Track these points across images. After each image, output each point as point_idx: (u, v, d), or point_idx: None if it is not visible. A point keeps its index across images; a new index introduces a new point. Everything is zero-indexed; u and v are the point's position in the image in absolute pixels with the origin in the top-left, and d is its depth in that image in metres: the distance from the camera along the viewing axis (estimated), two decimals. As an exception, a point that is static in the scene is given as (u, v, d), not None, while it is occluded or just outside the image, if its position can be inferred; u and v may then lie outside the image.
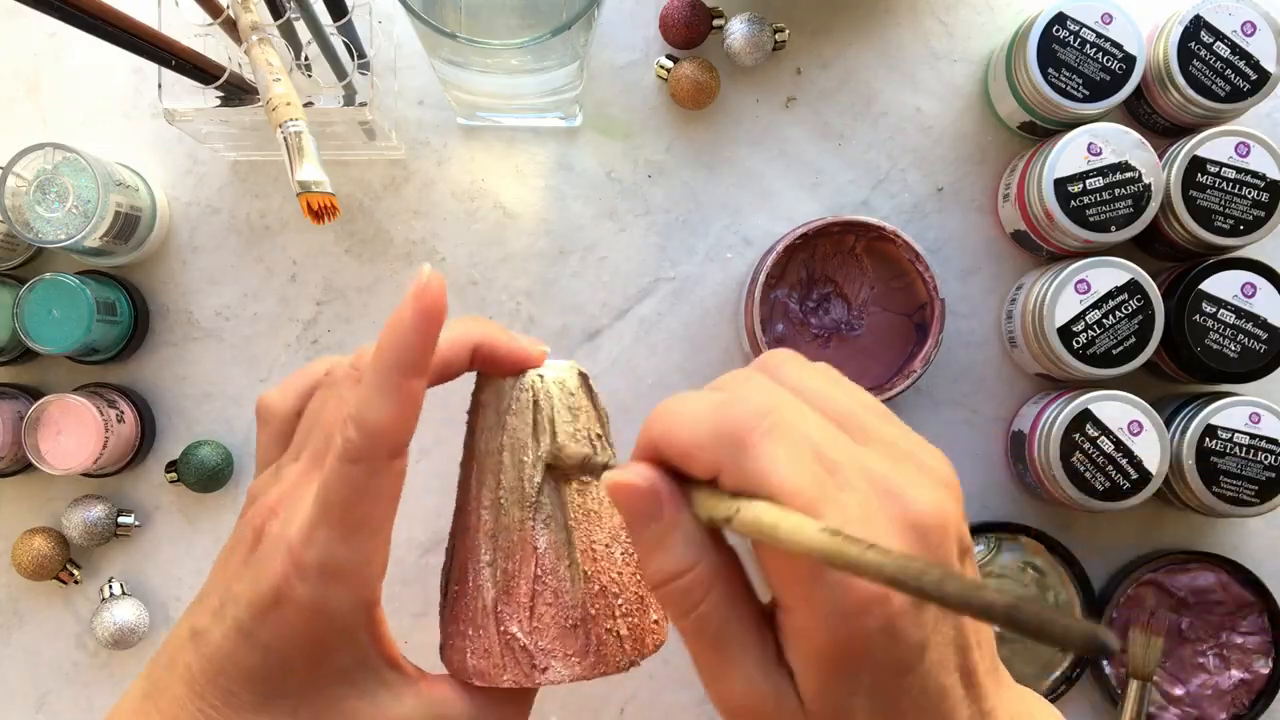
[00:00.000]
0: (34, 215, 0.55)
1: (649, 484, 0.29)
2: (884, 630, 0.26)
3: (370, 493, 0.32)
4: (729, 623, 0.29)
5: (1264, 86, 0.56)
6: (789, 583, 0.27)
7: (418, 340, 0.32)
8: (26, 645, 0.61)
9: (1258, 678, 0.60)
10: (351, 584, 0.32)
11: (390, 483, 0.33)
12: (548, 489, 0.37)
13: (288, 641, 0.32)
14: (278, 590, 0.32)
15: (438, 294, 0.32)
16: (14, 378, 0.62)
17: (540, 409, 0.37)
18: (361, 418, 0.32)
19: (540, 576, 0.36)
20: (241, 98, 0.53)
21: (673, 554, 0.29)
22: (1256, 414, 0.56)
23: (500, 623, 0.36)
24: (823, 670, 0.28)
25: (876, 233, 0.57)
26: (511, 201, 0.62)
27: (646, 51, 0.62)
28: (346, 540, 0.32)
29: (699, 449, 0.28)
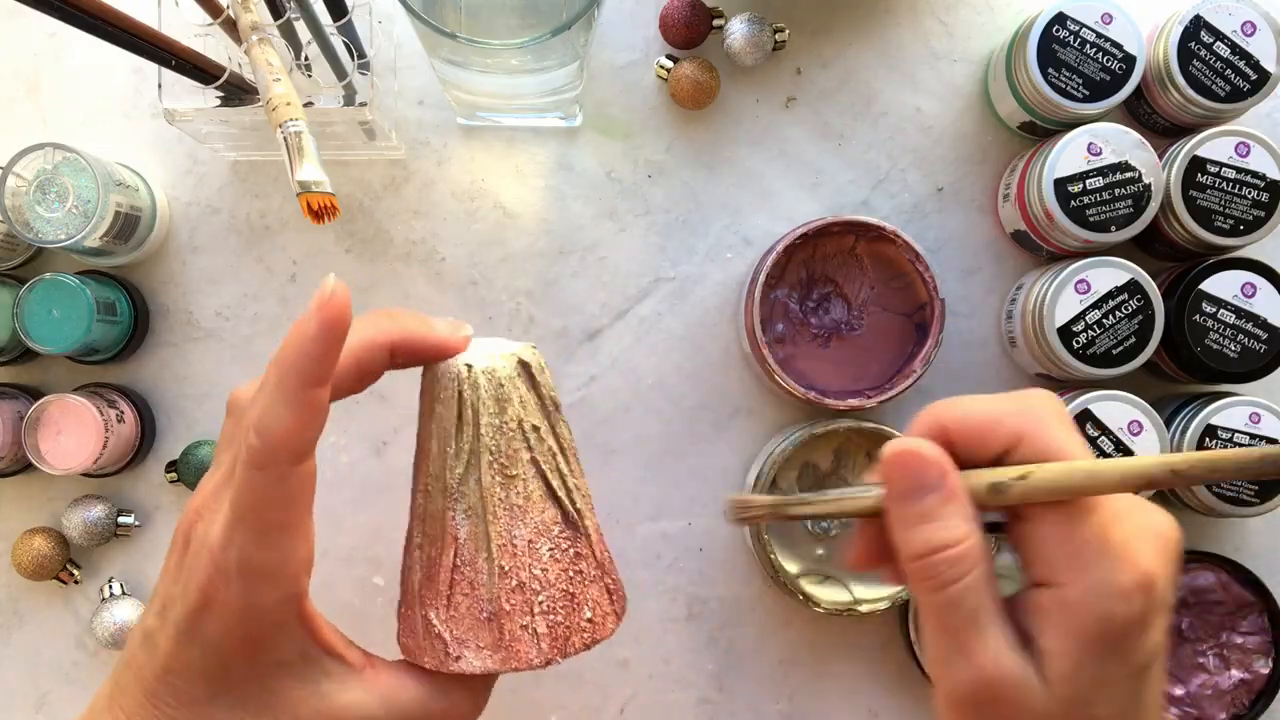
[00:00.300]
0: (34, 215, 0.55)
1: (935, 454, 0.31)
2: (1143, 619, 0.28)
3: (278, 497, 0.33)
4: (985, 599, 0.31)
5: (1264, 86, 0.56)
6: (1069, 557, 0.30)
7: (318, 350, 0.32)
8: (26, 645, 0.61)
9: (1258, 678, 0.60)
10: (273, 582, 0.33)
11: (298, 485, 0.33)
12: (471, 480, 0.36)
13: (223, 639, 0.33)
14: (204, 592, 0.33)
15: (341, 304, 0.32)
16: (14, 378, 0.62)
17: (464, 400, 0.36)
18: (262, 425, 0.32)
19: (459, 566, 0.37)
20: (241, 98, 0.53)
21: (948, 525, 0.31)
22: (1256, 414, 0.56)
23: (422, 606, 0.37)
24: (1083, 649, 0.29)
25: (876, 233, 0.57)
26: (511, 201, 0.62)
27: (646, 51, 0.62)
28: (261, 542, 0.33)
29: (1002, 420, 0.31)
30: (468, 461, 0.36)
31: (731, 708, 0.62)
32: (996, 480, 0.31)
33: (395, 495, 0.62)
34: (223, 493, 0.34)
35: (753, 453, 0.62)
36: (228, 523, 0.33)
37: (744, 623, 0.62)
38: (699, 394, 0.62)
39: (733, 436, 0.62)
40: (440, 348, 0.37)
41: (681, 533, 0.62)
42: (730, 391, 0.62)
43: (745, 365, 0.62)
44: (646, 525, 0.62)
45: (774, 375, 0.57)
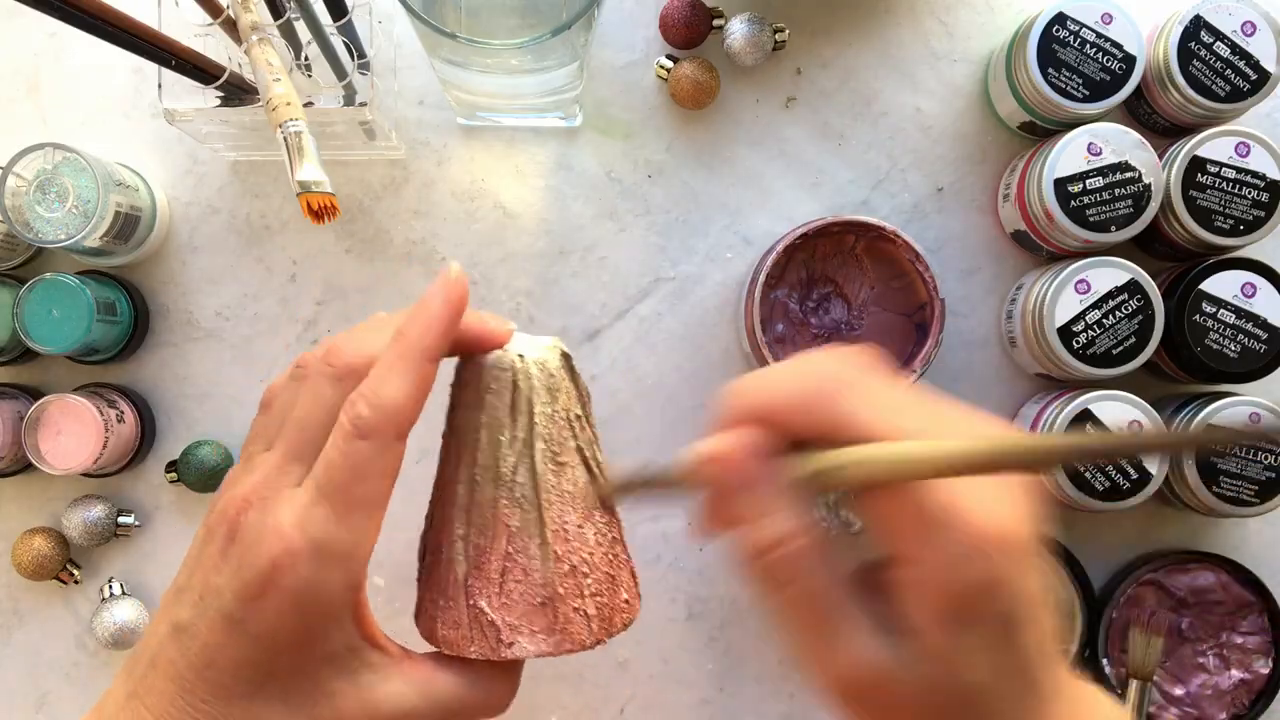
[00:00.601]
0: (34, 215, 0.55)
1: (741, 449, 0.29)
2: (1005, 576, 0.27)
3: (374, 471, 0.33)
4: (834, 590, 0.29)
5: (1264, 86, 0.56)
6: (909, 532, 0.28)
7: (441, 327, 0.34)
8: (26, 645, 0.61)
9: (1258, 678, 0.60)
10: (344, 565, 0.33)
11: (393, 463, 0.33)
12: (523, 469, 0.37)
13: (275, 628, 0.32)
14: (267, 577, 0.32)
15: (465, 286, 0.34)
16: (14, 378, 0.62)
17: (519, 390, 0.37)
18: (377, 395, 0.33)
19: (511, 554, 0.37)
20: (241, 98, 0.53)
21: (773, 521, 0.28)
22: (1256, 414, 0.56)
23: (470, 596, 0.37)
24: (948, 619, 0.27)
25: (876, 233, 0.57)
26: (511, 201, 0.62)
27: (646, 51, 0.62)
28: (344, 520, 0.33)
29: (800, 405, 0.29)
30: (520, 450, 0.37)
31: (731, 708, 0.62)
32: (819, 468, 0.28)
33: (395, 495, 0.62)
34: (278, 479, 0.34)
35: (753, 453, 0.62)
36: (306, 502, 0.33)
37: (744, 623, 0.62)
38: (699, 394, 0.62)
39: (733, 436, 0.62)
40: (490, 339, 0.37)
41: (681, 533, 0.62)
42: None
43: (745, 365, 0.62)
44: (647, 525, 0.62)
45: (774, 375, 0.57)
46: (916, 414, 0.28)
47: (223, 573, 0.33)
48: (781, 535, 0.28)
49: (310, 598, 0.32)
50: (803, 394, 0.29)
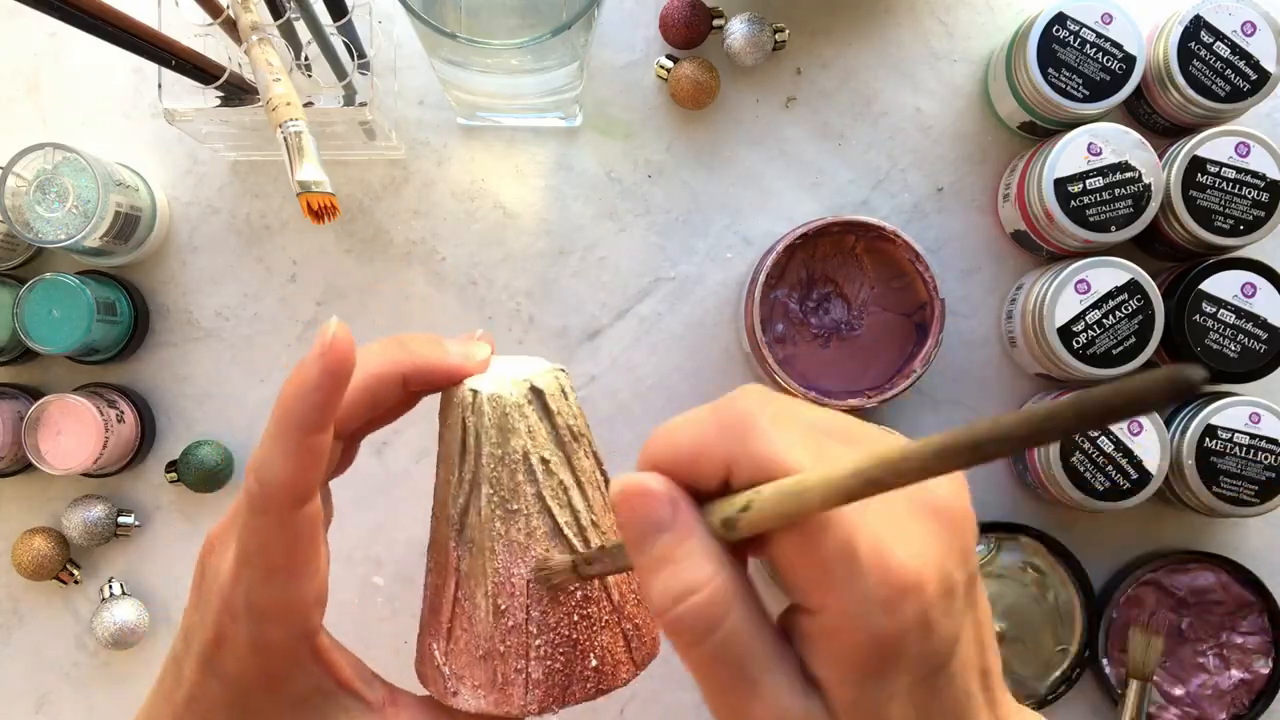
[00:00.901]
0: (34, 215, 0.55)
1: (661, 486, 0.27)
2: (918, 622, 0.25)
3: (281, 541, 0.32)
4: (753, 644, 0.26)
5: (1264, 86, 0.56)
6: (817, 580, 0.25)
7: (319, 397, 0.32)
8: (26, 645, 0.61)
9: (1258, 678, 0.60)
10: (281, 622, 0.33)
11: (302, 528, 0.33)
12: (471, 512, 0.34)
13: (240, 673, 0.33)
14: (219, 628, 0.33)
15: (344, 349, 0.31)
16: (14, 378, 0.62)
17: (467, 427, 0.34)
18: (260, 471, 0.32)
19: (459, 600, 0.35)
20: (241, 98, 0.53)
21: (687, 566, 0.26)
22: (1256, 414, 0.56)
23: (427, 635, 0.36)
24: (858, 673, 0.26)
25: (876, 233, 0.57)
26: (511, 201, 0.62)
27: (646, 51, 0.62)
28: (267, 582, 0.33)
29: (706, 446, 0.27)
30: (469, 492, 0.35)
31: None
32: (725, 515, 0.26)
33: (395, 495, 0.62)
34: (233, 525, 0.34)
35: (753, 453, 0.62)
36: (234, 561, 0.33)
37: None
38: (699, 394, 0.62)
39: (733, 436, 0.62)
40: (453, 374, 0.35)
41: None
42: (730, 391, 0.62)
43: (745, 365, 0.62)
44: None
45: (774, 375, 0.57)
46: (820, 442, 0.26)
47: (197, 612, 0.34)
48: (696, 581, 0.26)
49: (259, 649, 0.33)
50: (720, 432, 0.27)
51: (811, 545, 0.25)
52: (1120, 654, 0.60)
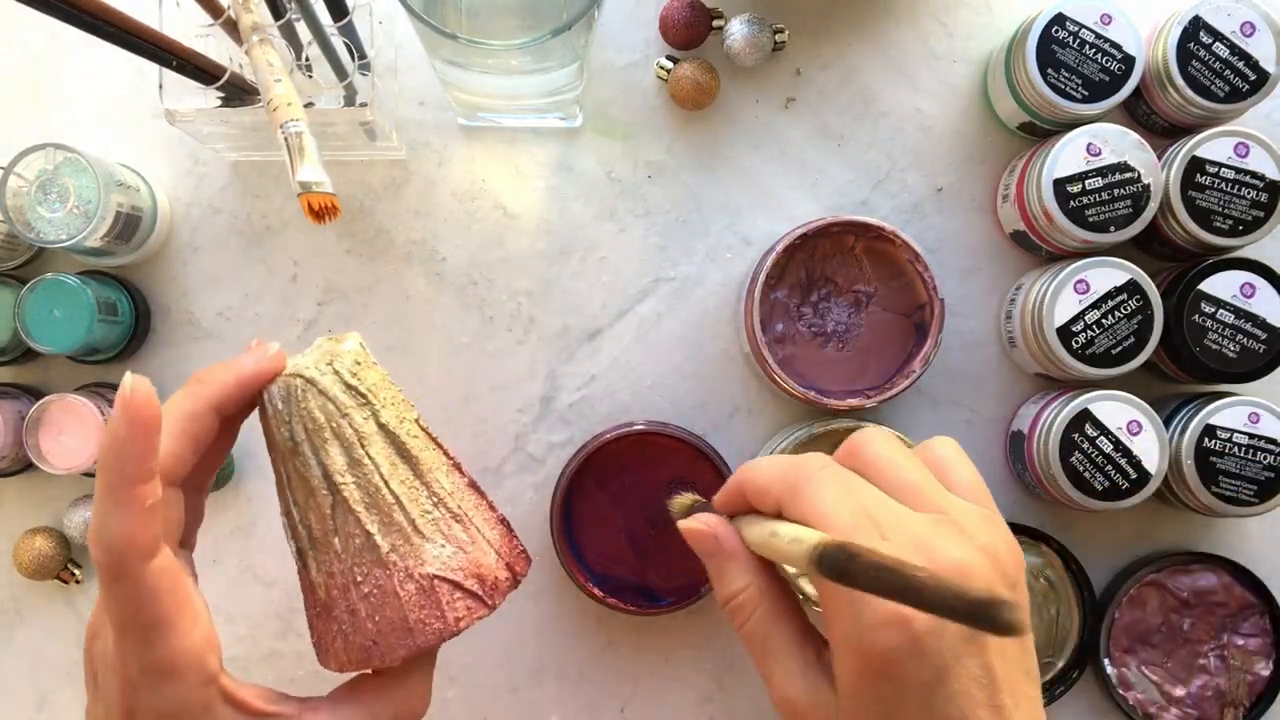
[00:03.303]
0: (35, 215, 0.55)
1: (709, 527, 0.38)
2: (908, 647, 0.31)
3: (144, 601, 0.33)
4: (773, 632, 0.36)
5: (1263, 87, 0.56)
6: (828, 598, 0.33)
7: (135, 448, 0.33)
8: (27, 645, 0.61)
9: (1258, 679, 0.60)
10: (179, 676, 0.34)
11: (162, 581, 0.34)
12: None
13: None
14: (123, 706, 0.34)
15: (143, 399, 0.33)
16: (15, 378, 0.62)
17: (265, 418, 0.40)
18: (100, 536, 0.33)
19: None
20: (242, 98, 0.53)
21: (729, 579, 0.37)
22: (1255, 414, 0.56)
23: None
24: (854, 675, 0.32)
25: (876, 233, 0.57)
26: (512, 202, 0.62)
27: (646, 52, 0.62)
28: (149, 643, 0.34)
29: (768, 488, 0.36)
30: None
31: (732, 707, 0.62)
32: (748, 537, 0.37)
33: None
34: (102, 610, 0.35)
35: (753, 453, 0.62)
36: (116, 636, 0.34)
37: (744, 622, 0.62)
38: (699, 394, 0.62)
39: (733, 436, 0.62)
40: (255, 383, 0.38)
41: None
42: (730, 391, 0.62)
43: (745, 365, 0.62)
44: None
45: (774, 375, 0.57)
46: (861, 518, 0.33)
47: (97, 705, 0.36)
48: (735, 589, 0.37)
49: (169, 709, 0.34)
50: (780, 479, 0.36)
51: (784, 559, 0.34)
52: (1122, 654, 0.60)
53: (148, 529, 0.33)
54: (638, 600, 0.58)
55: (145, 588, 0.33)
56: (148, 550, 0.33)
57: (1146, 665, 0.60)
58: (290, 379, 0.38)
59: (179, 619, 0.34)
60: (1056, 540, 0.60)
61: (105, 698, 0.35)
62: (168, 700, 0.34)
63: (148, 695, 0.34)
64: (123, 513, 0.33)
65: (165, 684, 0.34)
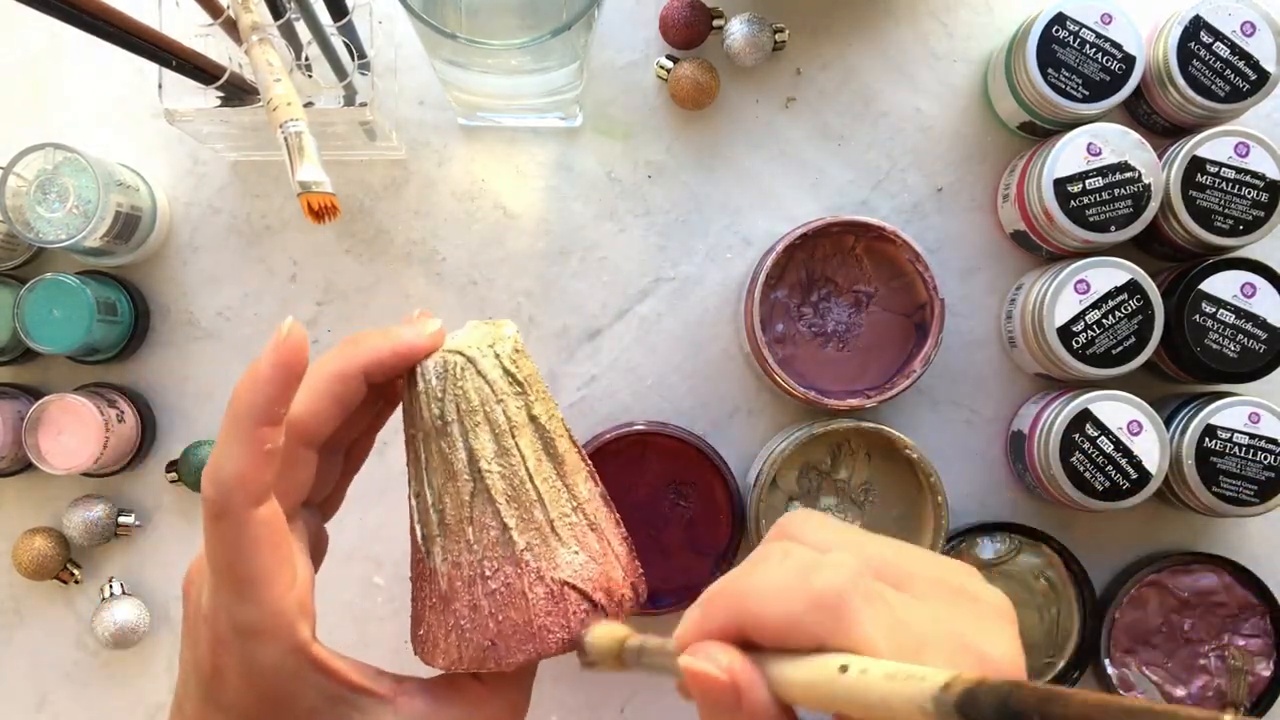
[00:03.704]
0: (34, 215, 0.55)
1: (728, 675, 0.27)
2: None
3: (243, 547, 0.32)
4: None
5: (1264, 86, 0.56)
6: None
7: (272, 390, 0.32)
8: (27, 645, 0.61)
9: (1259, 680, 0.60)
10: (269, 639, 0.33)
11: (262, 531, 0.33)
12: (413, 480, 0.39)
13: (241, 701, 0.33)
14: (213, 660, 0.33)
15: (296, 344, 0.33)
16: (14, 378, 0.62)
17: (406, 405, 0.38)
18: (214, 471, 0.32)
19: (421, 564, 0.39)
20: (242, 98, 0.53)
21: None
22: (1256, 414, 0.56)
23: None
24: None
25: (876, 233, 0.57)
26: (512, 202, 0.62)
27: (646, 51, 0.62)
28: (243, 599, 0.32)
29: (795, 624, 0.26)
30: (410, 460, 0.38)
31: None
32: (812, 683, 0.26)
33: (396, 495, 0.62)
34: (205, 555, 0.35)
35: (753, 453, 0.62)
36: (212, 587, 0.33)
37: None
38: (699, 394, 0.62)
39: (733, 436, 0.62)
40: (411, 356, 0.36)
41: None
42: (730, 391, 0.62)
43: (745, 365, 0.62)
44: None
45: (774, 375, 0.57)
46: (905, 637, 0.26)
47: (187, 648, 0.35)
48: None
49: (255, 673, 0.33)
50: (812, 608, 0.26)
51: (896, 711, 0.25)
52: (1122, 654, 0.60)
53: (260, 473, 0.32)
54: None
55: (246, 535, 0.32)
56: (256, 495, 0.32)
57: (1147, 666, 0.60)
58: (450, 355, 0.36)
59: (275, 577, 0.33)
60: (1057, 540, 0.60)
61: (195, 649, 0.34)
62: (254, 661, 0.33)
63: (236, 653, 0.33)
64: (239, 449, 0.32)
65: (253, 644, 0.33)
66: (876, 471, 0.59)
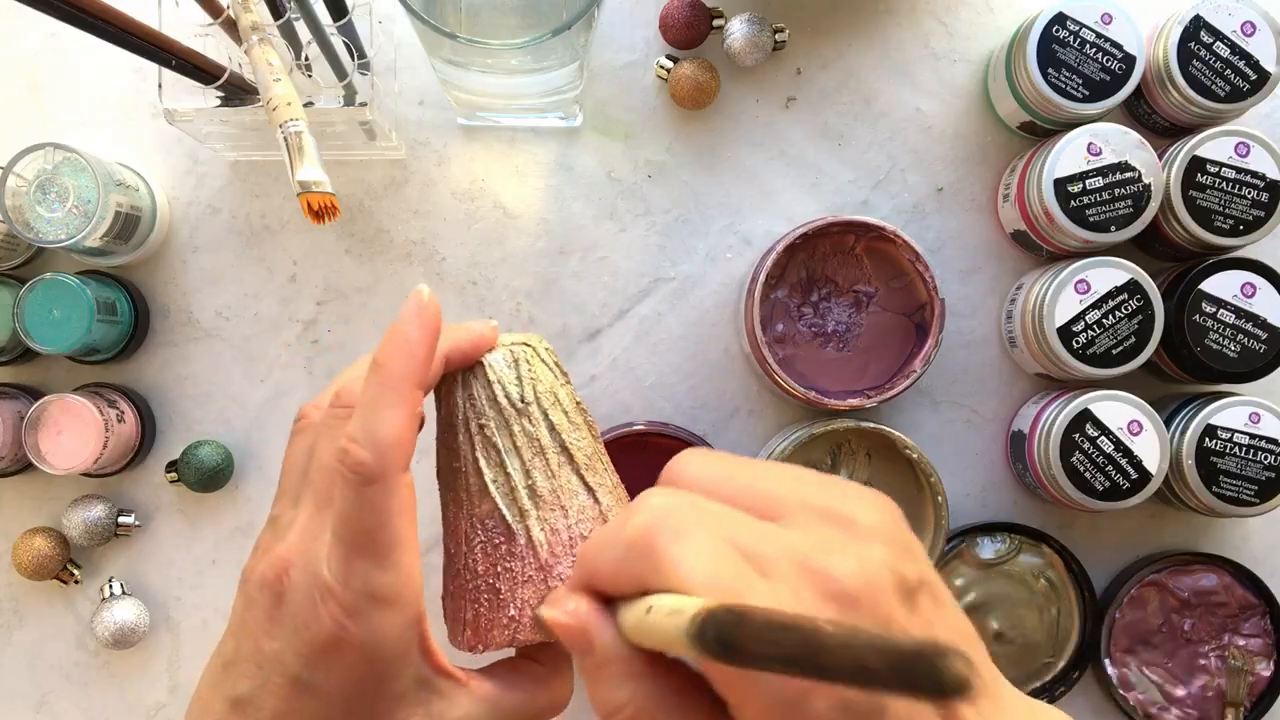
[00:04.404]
0: (34, 215, 0.55)
1: (574, 619, 0.28)
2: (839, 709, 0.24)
3: (391, 513, 0.32)
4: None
5: (1264, 86, 0.56)
6: (731, 680, 0.26)
7: (422, 353, 0.33)
8: (27, 645, 0.61)
9: (1259, 680, 0.60)
10: (402, 606, 0.32)
11: (407, 498, 0.33)
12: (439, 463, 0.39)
13: (346, 683, 0.32)
14: (331, 635, 0.32)
15: (437, 311, 0.33)
16: (14, 378, 0.62)
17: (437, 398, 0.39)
18: (371, 435, 0.32)
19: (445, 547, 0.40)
20: (242, 98, 0.53)
21: (609, 687, 0.28)
22: (1256, 414, 0.56)
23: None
24: None
25: (876, 233, 0.57)
26: (511, 201, 0.62)
27: (646, 51, 0.62)
28: (384, 565, 0.32)
29: (618, 570, 0.28)
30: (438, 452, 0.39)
31: (731, 708, 0.62)
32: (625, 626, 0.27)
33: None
34: (317, 533, 0.33)
35: (753, 453, 0.62)
36: (344, 556, 0.32)
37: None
38: (699, 394, 0.62)
39: (733, 436, 0.62)
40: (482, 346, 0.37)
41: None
42: (730, 391, 0.62)
43: (745, 365, 0.62)
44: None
45: (774, 375, 0.57)
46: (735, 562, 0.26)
47: (277, 638, 0.32)
48: (619, 699, 0.27)
49: (377, 646, 0.32)
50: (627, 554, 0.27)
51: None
52: (1122, 654, 0.60)
53: (413, 436, 0.33)
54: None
55: (396, 500, 0.32)
56: (406, 460, 0.32)
57: (1147, 665, 0.60)
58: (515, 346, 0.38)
59: (412, 544, 0.33)
60: (1057, 540, 0.60)
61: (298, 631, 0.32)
62: (381, 631, 0.32)
63: (366, 624, 0.32)
64: (395, 413, 0.32)
65: (384, 612, 0.32)
66: (876, 471, 0.59)
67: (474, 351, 0.37)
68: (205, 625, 0.62)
